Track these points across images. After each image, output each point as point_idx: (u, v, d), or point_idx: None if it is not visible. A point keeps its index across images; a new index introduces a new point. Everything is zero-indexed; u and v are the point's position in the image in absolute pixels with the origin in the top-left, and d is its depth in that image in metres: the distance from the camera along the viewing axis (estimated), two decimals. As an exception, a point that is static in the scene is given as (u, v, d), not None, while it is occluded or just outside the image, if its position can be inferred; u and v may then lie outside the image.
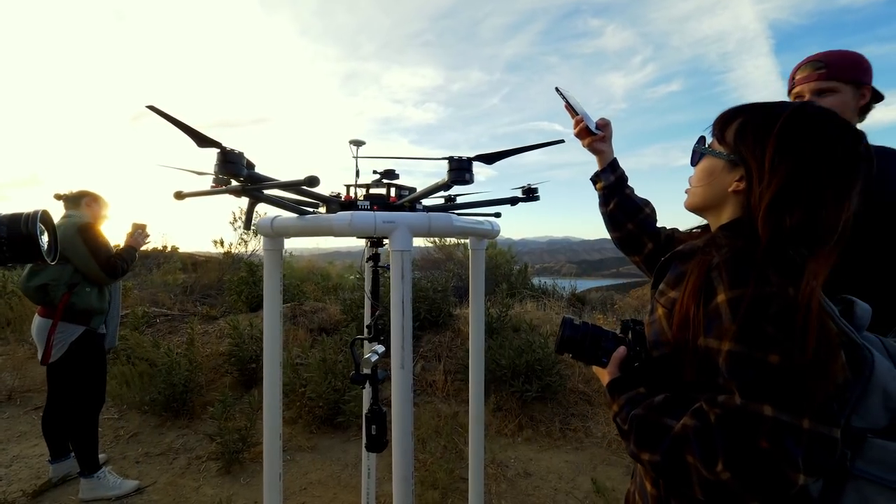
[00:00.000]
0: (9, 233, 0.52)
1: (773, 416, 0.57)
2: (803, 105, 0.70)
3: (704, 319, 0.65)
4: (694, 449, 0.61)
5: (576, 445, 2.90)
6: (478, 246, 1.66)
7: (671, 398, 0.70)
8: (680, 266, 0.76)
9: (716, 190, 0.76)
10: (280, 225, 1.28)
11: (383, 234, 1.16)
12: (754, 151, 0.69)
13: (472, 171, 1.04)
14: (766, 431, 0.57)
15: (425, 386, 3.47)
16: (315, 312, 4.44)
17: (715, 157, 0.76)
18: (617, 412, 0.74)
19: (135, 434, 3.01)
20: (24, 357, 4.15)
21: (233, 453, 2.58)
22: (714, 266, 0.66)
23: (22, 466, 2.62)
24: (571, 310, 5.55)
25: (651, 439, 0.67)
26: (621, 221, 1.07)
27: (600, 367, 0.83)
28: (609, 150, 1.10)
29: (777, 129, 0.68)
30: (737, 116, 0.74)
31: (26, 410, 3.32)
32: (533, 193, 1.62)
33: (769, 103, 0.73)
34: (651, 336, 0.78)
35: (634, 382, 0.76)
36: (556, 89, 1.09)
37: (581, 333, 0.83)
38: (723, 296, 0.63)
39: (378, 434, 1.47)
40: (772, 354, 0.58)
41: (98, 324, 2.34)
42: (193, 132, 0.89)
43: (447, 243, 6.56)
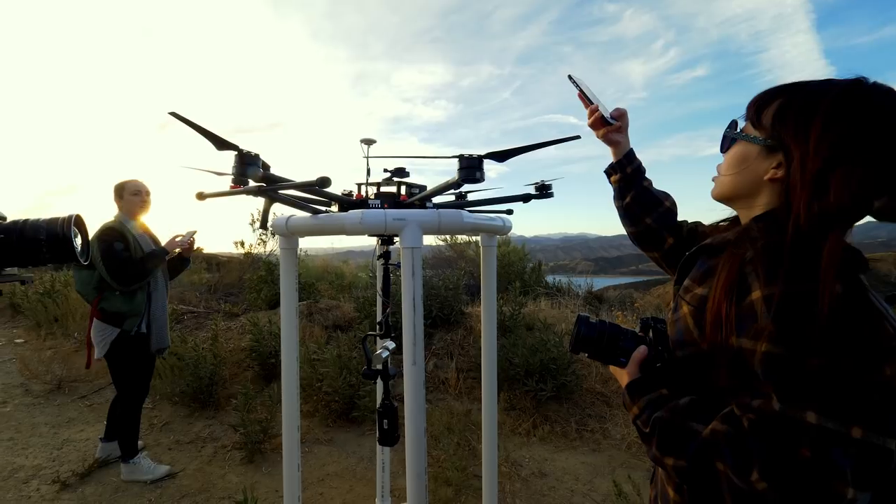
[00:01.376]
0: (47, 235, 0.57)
1: (817, 423, 0.52)
2: (858, 80, 0.62)
3: (737, 318, 0.60)
4: (725, 456, 0.57)
5: (593, 447, 2.87)
6: (489, 243, 1.65)
7: (697, 401, 0.66)
8: (708, 261, 0.71)
9: (749, 178, 0.70)
10: (294, 224, 1.31)
11: (394, 231, 1.17)
12: (796, 135, 0.62)
13: (482, 170, 1.03)
14: (809, 440, 0.52)
15: (437, 383, 3.50)
16: (330, 310, 4.53)
17: (749, 143, 0.69)
18: (637, 415, 0.70)
19: (167, 423, 3.16)
20: (70, 350, 4.43)
21: (255, 443, 2.68)
22: (748, 260, 0.61)
23: (71, 449, 2.81)
24: (588, 308, 5.47)
25: (676, 444, 0.63)
26: (638, 216, 1.00)
27: (618, 368, 0.79)
28: (625, 141, 1.03)
29: (824, 110, 0.61)
30: (776, 97, 0.67)
31: (73, 398, 3.54)
32: (546, 190, 1.60)
33: (814, 82, 0.65)
34: (675, 335, 0.73)
35: (656, 384, 0.72)
36: (569, 77, 1.04)
37: (598, 332, 0.79)
38: (758, 292, 0.58)
39: (390, 428, 1.50)
40: (815, 356, 0.53)
41: (131, 326, 2.37)
42: (212, 136, 0.94)
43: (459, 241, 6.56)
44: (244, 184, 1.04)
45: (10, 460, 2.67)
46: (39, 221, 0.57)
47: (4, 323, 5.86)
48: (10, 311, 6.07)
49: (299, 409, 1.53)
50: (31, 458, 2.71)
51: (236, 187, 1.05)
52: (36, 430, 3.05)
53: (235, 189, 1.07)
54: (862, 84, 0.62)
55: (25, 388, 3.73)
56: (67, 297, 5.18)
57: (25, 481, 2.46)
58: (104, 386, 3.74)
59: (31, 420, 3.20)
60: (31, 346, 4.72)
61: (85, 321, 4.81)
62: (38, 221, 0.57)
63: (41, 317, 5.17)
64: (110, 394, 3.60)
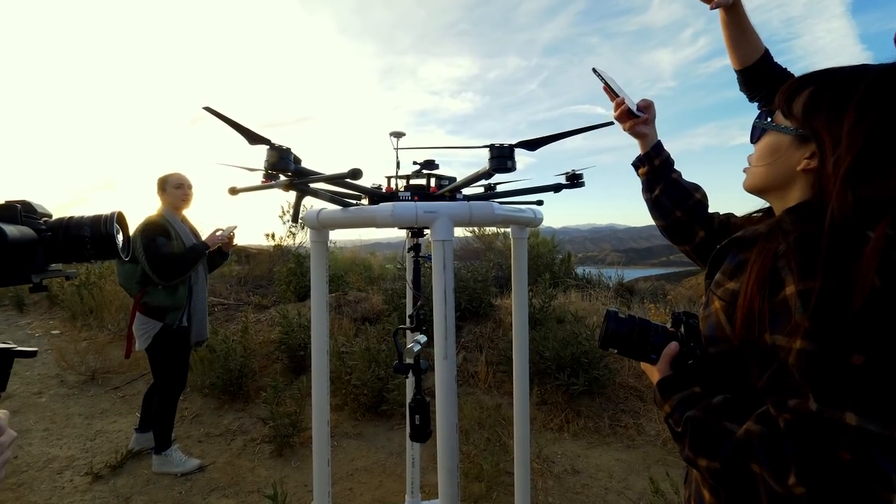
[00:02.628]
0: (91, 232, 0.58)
1: (858, 425, 0.50)
2: (894, 66, 0.60)
3: (770, 314, 0.59)
4: (760, 457, 0.55)
5: (627, 443, 2.79)
6: (520, 235, 1.62)
7: (731, 400, 0.64)
8: (739, 254, 0.69)
9: (781, 169, 0.68)
10: (325, 217, 1.30)
11: (424, 224, 1.16)
12: (829, 124, 0.61)
13: (514, 159, 1.00)
14: (849, 442, 0.50)
15: (467, 377, 3.48)
16: (358, 302, 4.56)
17: (780, 133, 0.68)
18: (669, 413, 0.69)
19: (197, 415, 3.25)
20: (104, 341, 4.60)
21: (284, 437, 2.72)
22: (781, 254, 0.59)
23: (104, 440, 2.91)
24: (619, 300, 5.33)
25: (709, 444, 0.61)
26: (668, 209, 0.98)
27: (649, 364, 0.78)
28: (653, 133, 1.01)
29: (858, 97, 0.59)
30: (807, 85, 0.66)
31: (107, 390, 3.67)
32: (577, 179, 1.55)
33: (847, 68, 0.64)
34: (707, 331, 0.71)
35: (688, 381, 0.70)
36: (594, 70, 1.03)
37: (627, 327, 0.78)
38: (792, 287, 0.56)
39: (422, 424, 1.48)
40: (855, 354, 0.51)
41: (173, 319, 2.41)
42: (245, 130, 0.93)
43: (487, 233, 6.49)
44: (276, 178, 1.03)
45: (45, 451, 2.75)
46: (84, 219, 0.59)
47: (42, 314, 6.11)
48: (46, 303, 6.31)
49: (329, 403, 1.53)
50: (65, 448, 2.79)
51: (268, 181, 1.04)
52: (70, 421, 3.15)
53: (267, 183, 1.06)
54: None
55: (61, 378, 3.86)
56: (102, 289, 5.39)
57: (59, 472, 2.54)
58: (136, 377, 3.87)
59: (66, 411, 3.30)
60: (67, 338, 4.90)
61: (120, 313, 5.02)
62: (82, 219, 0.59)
63: (77, 308, 5.39)
64: (142, 385, 3.73)
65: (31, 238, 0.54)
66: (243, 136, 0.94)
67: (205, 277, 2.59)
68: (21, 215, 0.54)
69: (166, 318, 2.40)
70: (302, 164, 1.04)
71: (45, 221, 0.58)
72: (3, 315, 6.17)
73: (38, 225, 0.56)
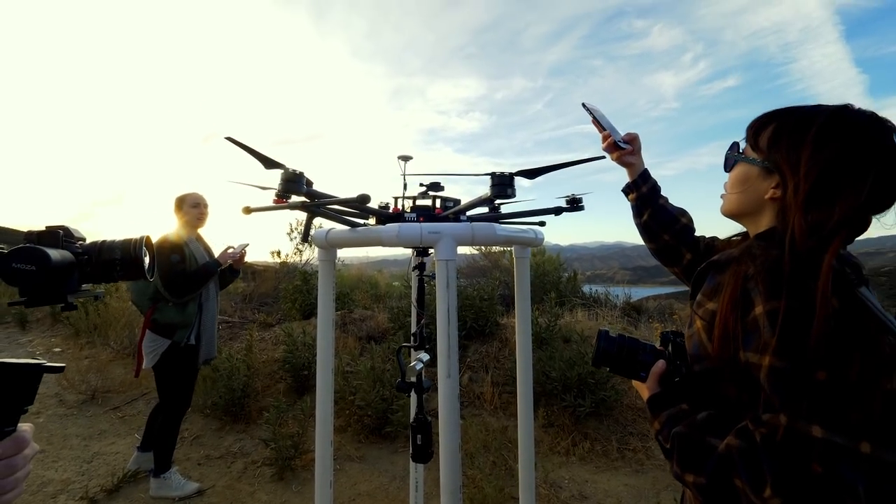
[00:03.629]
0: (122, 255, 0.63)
1: (824, 437, 0.53)
2: (843, 107, 0.67)
3: (743, 333, 0.62)
4: (740, 472, 0.57)
5: (636, 468, 2.72)
6: (522, 254, 1.64)
7: (715, 415, 0.66)
8: (716, 276, 0.73)
9: (751, 197, 0.74)
10: (334, 237, 1.33)
11: (429, 244, 1.19)
12: (789, 157, 0.67)
13: (513, 186, 1.08)
14: (818, 454, 0.52)
15: (472, 398, 3.43)
16: (364, 320, 4.55)
17: (749, 164, 0.74)
18: (659, 430, 0.71)
19: (197, 436, 3.20)
20: (107, 360, 4.58)
21: (285, 460, 2.66)
22: (750, 276, 0.63)
23: (101, 463, 2.85)
24: (626, 319, 5.28)
25: (695, 460, 0.63)
26: (657, 232, 1.04)
27: (640, 382, 0.81)
28: (639, 163, 1.08)
29: (813, 134, 0.65)
30: (770, 122, 0.72)
31: (106, 410, 3.63)
32: (577, 203, 1.59)
33: (805, 107, 0.70)
34: (691, 349, 0.75)
35: (676, 398, 0.73)
36: (583, 105, 1.10)
37: (617, 346, 0.81)
38: (760, 308, 0.60)
39: (423, 444, 1.46)
40: (819, 370, 0.54)
41: (181, 337, 2.40)
42: (262, 157, 0.99)
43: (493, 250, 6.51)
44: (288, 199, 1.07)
45: (40, 473, 2.66)
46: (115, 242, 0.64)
47: (44, 331, 6.10)
48: (49, 320, 6.32)
49: (332, 423, 1.52)
50: (60, 471, 2.72)
51: (280, 202, 1.08)
52: (67, 443, 3.08)
53: (280, 204, 1.09)
54: (847, 110, 0.66)
55: (60, 398, 3.80)
56: (108, 306, 5.41)
57: (53, 496, 2.47)
58: (137, 397, 3.82)
59: (64, 431, 3.24)
60: (69, 356, 4.86)
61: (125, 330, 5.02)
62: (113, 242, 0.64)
63: (81, 325, 5.38)
64: (143, 405, 3.70)
65: (70, 261, 0.59)
66: (260, 162, 1.00)
67: (216, 295, 2.60)
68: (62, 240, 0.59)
69: (175, 335, 2.40)
70: (314, 186, 1.08)
71: (81, 245, 0.63)
72: (5, 332, 6.20)
73: (76, 248, 0.61)
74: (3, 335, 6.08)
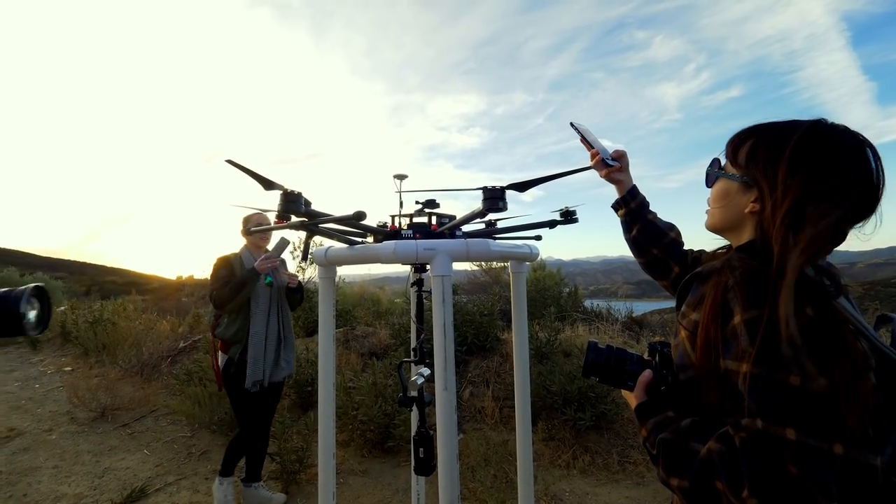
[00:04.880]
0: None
1: (797, 439, 0.55)
2: (817, 122, 0.68)
3: (723, 341, 0.65)
4: (721, 474, 0.60)
5: (636, 480, 2.72)
6: (518, 269, 1.67)
7: (699, 422, 0.69)
8: (699, 287, 0.76)
9: (732, 211, 0.76)
10: (333, 255, 1.39)
11: (424, 260, 1.22)
12: (766, 172, 0.69)
13: (504, 200, 1.09)
14: (792, 456, 0.54)
15: (474, 412, 3.44)
16: (366, 337, 4.59)
17: (728, 180, 0.76)
18: (646, 437, 0.74)
19: (205, 452, 3.24)
20: (116, 378, 4.65)
21: (290, 473, 2.70)
22: (729, 287, 0.66)
23: (111, 478, 2.90)
24: (628, 333, 5.28)
25: (679, 464, 0.66)
26: (646, 247, 1.07)
27: (628, 391, 0.84)
28: (627, 179, 1.11)
29: (790, 150, 0.66)
30: (748, 138, 0.74)
31: (116, 427, 3.69)
32: (571, 216, 1.63)
33: (781, 123, 0.72)
34: (676, 359, 0.77)
35: (662, 406, 0.75)
36: (571, 124, 1.13)
37: (605, 357, 0.84)
38: (738, 317, 0.62)
39: (426, 457, 1.49)
40: (792, 376, 0.56)
41: (234, 353, 2.37)
42: (261, 178, 1.04)
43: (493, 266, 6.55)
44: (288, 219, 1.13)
45: (53, 488, 2.76)
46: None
47: (54, 351, 6.21)
48: (60, 340, 6.44)
49: (335, 441, 1.55)
50: (73, 486, 2.79)
51: (281, 222, 1.14)
52: (79, 458, 3.15)
53: (280, 224, 1.15)
54: (821, 125, 0.68)
55: (71, 415, 3.89)
56: (116, 326, 5.51)
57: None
58: (145, 414, 3.89)
59: (76, 448, 3.31)
60: (79, 374, 4.95)
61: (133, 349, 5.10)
62: None
63: (90, 345, 5.48)
64: (151, 422, 3.77)
65: None
66: (260, 183, 1.05)
67: (267, 312, 2.44)
68: None
69: (229, 350, 2.40)
70: (312, 206, 1.14)
71: None
72: (17, 352, 6.29)
73: None
74: (16, 355, 6.18)
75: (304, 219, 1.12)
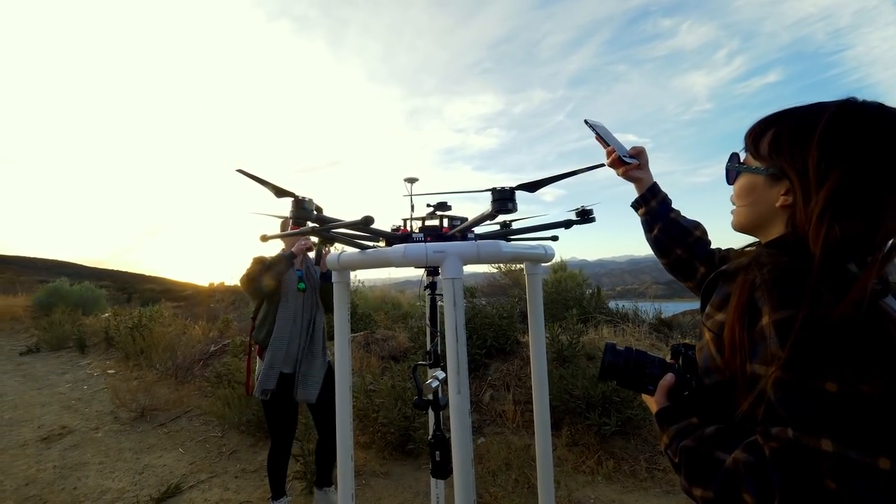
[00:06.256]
0: None
1: (835, 451, 0.50)
2: (847, 101, 0.62)
3: (750, 344, 0.60)
4: (748, 486, 0.55)
5: (666, 488, 2.62)
6: (533, 271, 1.64)
7: (724, 429, 0.64)
8: (725, 286, 0.71)
9: (761, 207, 0.70)
10: (345, 259, 1.40)
11: (434, 263, 1.21)
12: (794, 162, 0.63)
13: (514, 201, 1.06)
14: (829, 470, 0.50)
15: (494, 416, 3.41)
16: (386, 340, 4.63)
17: (752, 174, 0.71)
18: (667, 444, 0.70)
19: (234, 451, 3.36)
20: (153, 380, 4.90)
21: (314, 473, 2.74)
22: (757, 286, 0.61)
23: (150, 474, 3.06)
24: (655, 335, 5.11)
25: (703, 474, 0.62)
26: (668, 247, 1.01)
27: (648, 396, 0.79)
28: (647, 177, 1.06)
29: (819, 133, 0.61)
30: (769, 127, 0.69)
31: (154, 426, 3.88)
32: (588, 215, 1.59)
33: (804, 107, 0.66)
34: (701, 362, 0.73)
35: (685, 412, 0.71)
36: (586, 121, 1.10)
37: (623, 359, 0.80)
38: (767, 318, 0.58)
39: (443, 460, 1.49)
40: (828, 382, 0.51)
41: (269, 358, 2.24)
42: (272, 186, 1.07)
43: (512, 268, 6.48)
44: (301, 225, 1.16)
45: (99, 483, 2.96)
46: None
47: (100, 355, 6.59)
48: (104, 345, 6.83)
49: (353, 441, 1.57)
50: (116, 481, 2.98)
51: (294, 228, 1.17)
52: (122, 455, 3.36)
53: (294, 231, 1.19)
54: (852, 103, 0.61)
55: (115, 415, 4.15)
56: (152, 331, 5.80)
57: (112, 503, 2.71)
58: (179, 414, 4.07)
59: (118, 445, 3.53)
60: (121, 377, 5.26)
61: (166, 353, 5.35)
62: None
63: (129, 349, 5.79)
64: (185, 422, 3.94)
65: None
66: (271, 192, 1.08)
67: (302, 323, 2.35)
68: None
69: (263, 353, 2.31)
70: (331, 208, 1.16)
71: None
72: (68, 356, 6.71)
73: None
74: (67, 358, 6.60)
75: (315, 224, 1.15)
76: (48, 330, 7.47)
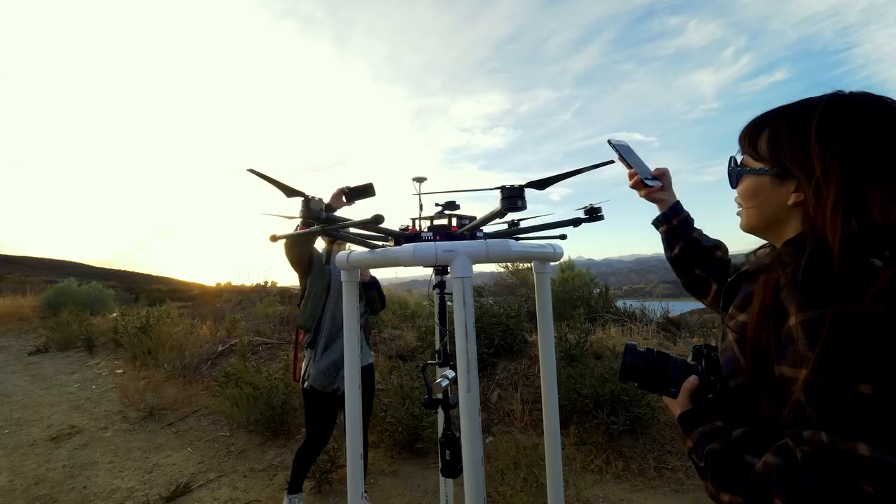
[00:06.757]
0: None
1: (872, 455, 0.48)
2: (836, 94, 0.63)
3: (776, 345, 0.59)
4: (780, 491, 0.54)
5: (675, 487, 2.60)
6: (542, 269, 1.64)
7: (751, 433, 0.63)
8: (747, 286, 0.70)
9: (772, 208, 0.69)
10: (355, 259, 1.41)
11: (444, 262, 1.21)
12: (797, 158, 0.62)
13: (524, 198, 1.07)
14: (866, 474, 0.48)
15: (503, 415, 3.41)
16: (393, 340, 4.64)
17: (757, 175, 0.69)
18: (692, 448, 0.68)
19: (243, 450, 3.37)
20: (160, 380, 4.93)
21: (323, 473, 2.76)
22: (782, 286, 0.60)
23: (159, 473, 3.08)
24: (663, 334, 5.08)
25: (731, 479, 0.60)
26: (689, 266, 1.01)
27: (670, 398, 0.78)
28: (670, 197, 1.05)
29: (816, 128, 0.61)
30: (762, 127, 0.68)
31: (162, 426, 3.91)
32: (596, 213, 1.58)
33: (794, 104, 0.66)
34: (724, 364, 0.71)
35: (709, 415, 0.70)
36: (609, 142, 1.08)
37: (645, 360, 0.78)
38: (794, 318, 0.56)
39: (452, 459, 1.49)
40: (862, 383, 0.50)
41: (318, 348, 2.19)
42: (282, 186, 1.07)
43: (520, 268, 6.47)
44: (311, 225, 1.16)
45: (109, 482, 2.98)
46: None
47: (108, 354, 6.64)
48: (112, 345, 6.87)
49: (361, 440, 1.57)
50: (126, 479, 3.01)
51: (304, 228, 1.17)
52: (131, 455, 3.38)
53: (303, 230, 1.19)
54: (841, 97, 0.62)
55: (123, 414, 4.18)
56: (160, 332, 5.84)
57: (121, 502, 2.74)
58: (188, 414, 4.09)
59: (127, 445, 3.55)
60: (129, 376, 5.28)
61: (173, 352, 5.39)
62: None
63: (137, 349, 5.82)
64: (194, 422, 3.97)
65: None
66: (282, 192, 1.09)
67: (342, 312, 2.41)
68: None
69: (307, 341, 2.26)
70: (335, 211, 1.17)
71: None
72: (76, 356, 6.77)
73: None
74: (75, 358, 6.66)
75: (325, 224, 1.15)
76: (56, 330, 7.55)
